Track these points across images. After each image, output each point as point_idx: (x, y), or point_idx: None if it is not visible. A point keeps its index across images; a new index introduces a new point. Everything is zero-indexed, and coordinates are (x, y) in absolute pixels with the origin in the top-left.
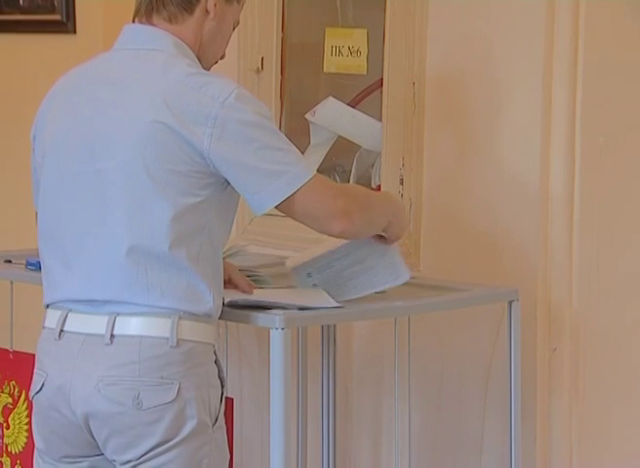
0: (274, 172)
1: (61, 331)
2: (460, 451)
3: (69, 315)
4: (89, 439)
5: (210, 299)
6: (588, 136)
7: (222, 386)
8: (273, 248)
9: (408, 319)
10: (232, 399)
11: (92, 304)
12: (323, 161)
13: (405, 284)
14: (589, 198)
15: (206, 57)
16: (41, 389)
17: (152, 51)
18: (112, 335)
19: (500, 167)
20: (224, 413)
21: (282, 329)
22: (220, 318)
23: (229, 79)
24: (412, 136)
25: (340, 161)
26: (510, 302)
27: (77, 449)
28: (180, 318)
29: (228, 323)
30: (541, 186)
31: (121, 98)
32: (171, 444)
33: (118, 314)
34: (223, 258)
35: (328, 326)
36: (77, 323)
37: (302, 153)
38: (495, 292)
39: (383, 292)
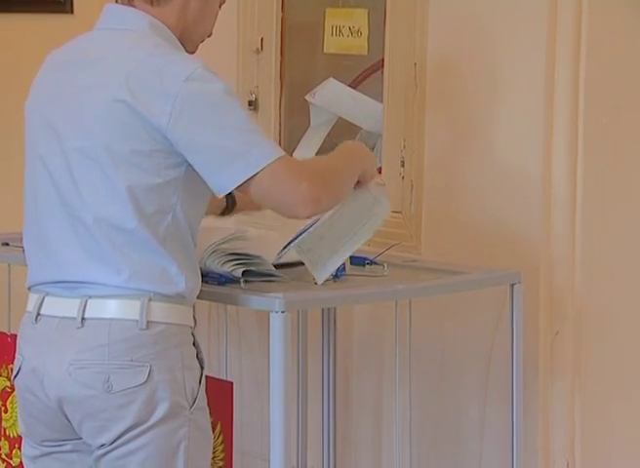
0: (235, 152)
1: (38, 314)
2: (461, 436)
3: (46, 298)
4: (65, 422)
5: (181, 280)
6: (591, 116)
7: (202, 367)
8: (272, 229)
9: (409, 302)
10: (232, 383)
11: (66, 287)
12: (323, 143)
13: (406, 267)
14: (592, 179)
15: (191, 38)
16: (18, 372)
17: (126, 31)
18: (83, 318)
19: (503, 148)
20: (227, 398)
21: (282, 312)
22: (218, 301)
23: (193, 58)
24: (413, 118)
25: (341, 143)
26: (512, 285)
27: (57, 433)
28: (150, 299)
29: (228, 306)
30: (544, 167)
31: (89, 79)
32: (144, 427)
33: (90, 297)
34: (222, 243)
35: (328, 309)
36: (53, 306)
37: (302, 135)
38: (497, 275)
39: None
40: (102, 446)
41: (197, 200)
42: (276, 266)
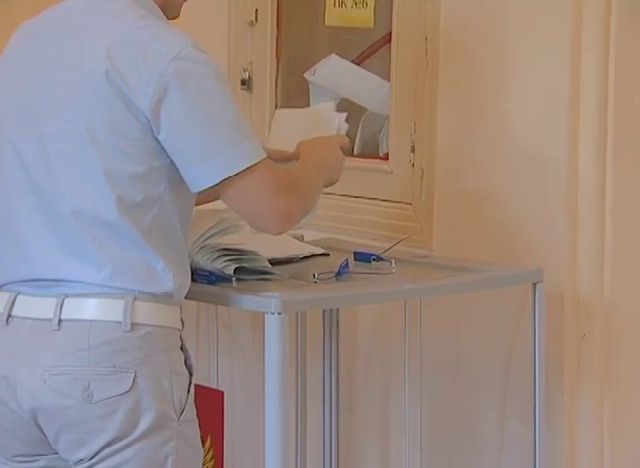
0: (216, 147)
1: (9, 315)
2: (478, 448)
3: (17, 298)
4: (40, 435)
5: (169, 278)
6: (622, 96)
7: (190, 374)
8: None
9: (419, 302)
10: (223, 392)
11: (40, 285)
12: None
13: (416, 264)
14: (623, 167)
15: (173, 3)
16: None
17: (106, 0)
18: (60, 320)
19: (523, 132)
20: (218, 408)
21: (278, 313)
22: (208, 302)
23: (183, 33)
24: (424, 98)
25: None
26: (534, 284)
27: (29, 448)
28: (134, 299)
29: (218, 307)
30: (570, 153)
31: (67, 54)
32: (127, 440)
33: (67, 296)
34: (212, 235)
35: (330, 310)
36: (25, 306)
37: None
38: (517, 273)
39: None
40: (81, 461)
41: (186, 190)
42: (272, 263)
